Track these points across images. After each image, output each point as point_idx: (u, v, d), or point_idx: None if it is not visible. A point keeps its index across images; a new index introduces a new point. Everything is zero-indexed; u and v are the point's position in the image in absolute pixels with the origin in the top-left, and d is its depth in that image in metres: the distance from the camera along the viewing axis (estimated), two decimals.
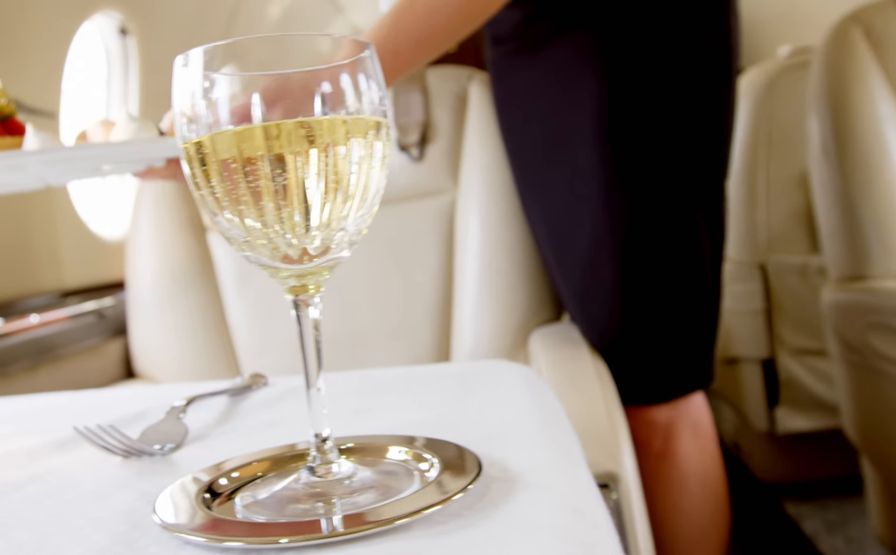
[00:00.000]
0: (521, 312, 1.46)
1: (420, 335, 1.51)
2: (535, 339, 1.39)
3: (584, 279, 1.23)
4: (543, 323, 1.48)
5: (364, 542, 0.38)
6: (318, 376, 0.44)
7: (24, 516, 0.47)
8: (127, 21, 2.02)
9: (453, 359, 1.50)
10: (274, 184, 0.39)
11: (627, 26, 1.16)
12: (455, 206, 1.51)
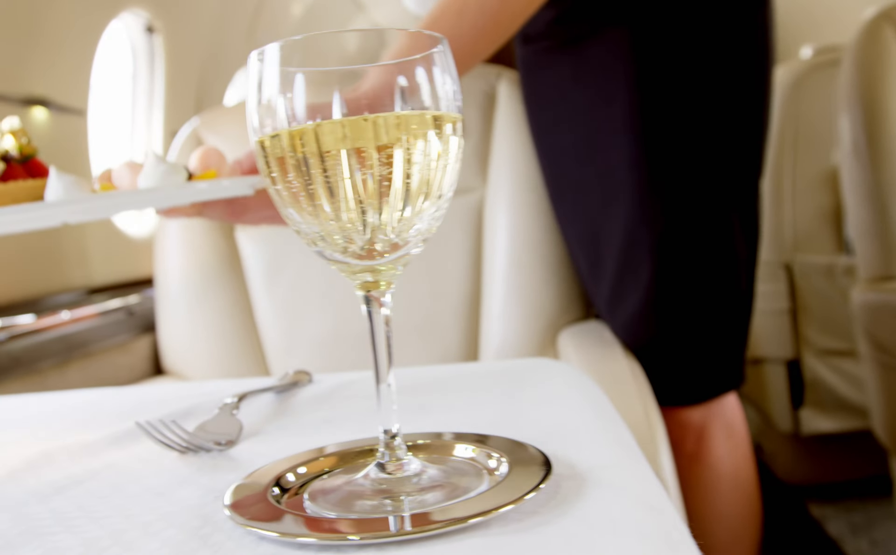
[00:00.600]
0: (550, 311, 1.46)
1: (448, 333, 1.51)
2: (564, 338, 1.39)
3: (618, 280, 1.22)
4: (572, 322, 1.48)
5: (439, 540, 0.37)
6: (388, 372, 0.44)
7: (90, 510, 0.47)
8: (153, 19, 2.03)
9: (481, 357, 1.49)
10: (351, 179, 0.39)
11: (662, 23, 1.16)
12: (483, 203, 1.50)
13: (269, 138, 0.40)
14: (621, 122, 1.18)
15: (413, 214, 0.41)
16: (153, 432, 0.55)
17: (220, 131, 1.61)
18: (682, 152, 1.16)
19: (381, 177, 0.39)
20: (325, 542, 0.38)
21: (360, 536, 0.37)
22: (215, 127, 1.62)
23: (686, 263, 1.17)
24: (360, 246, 0.41)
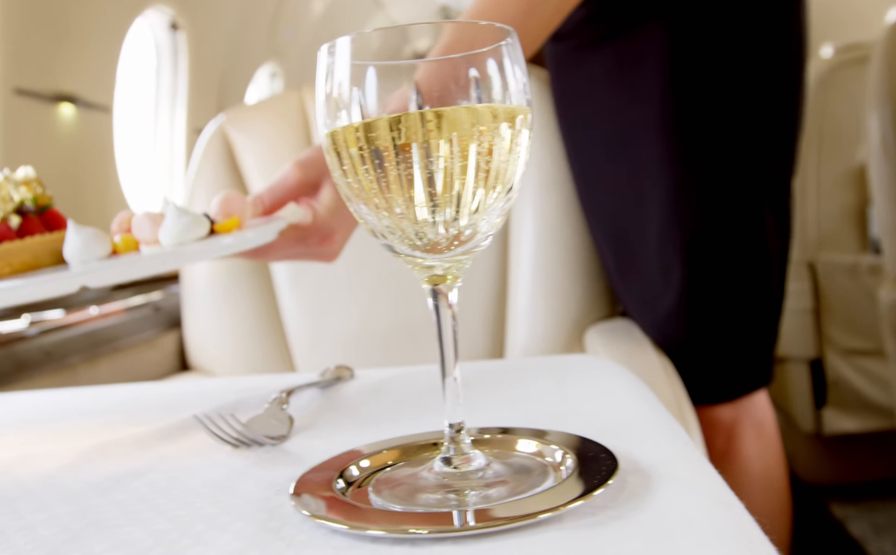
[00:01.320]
0: (577, 308, 1.45)
1: (474, 331, 1.51)
2: (591, 335, 1.38)
3: (650, 279, 1.22)
4: (598, 320, 1.47)
5: (511, 535, 0.37)
6: (454, 366, 0.44)
7: (152, 503, 0.47)
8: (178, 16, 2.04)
9: (507, 355, 1.49)
10: (424, 172, 0.39)
11: (697, 20, 1.15)
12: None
13: (342, 131, 0.40)
14: (654, 120, 1.17)
15: (484, 207, 0.40)
16: (209, 426, 0.55)
17: (246, 128, 1.61)
18: (715, 150, 1.15)
19: (455, 170, 0.39)
20: (395, 535, 0.38)
21: (428, 530, 0.37)
22: (240, 124, 1.62)
23: (719, 262, 1.17)
24: (430, 239, 0.41)
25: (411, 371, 0.80)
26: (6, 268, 0.71)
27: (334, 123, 0.41)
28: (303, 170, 0.83)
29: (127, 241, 0.72)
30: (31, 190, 0.76)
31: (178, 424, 0.65)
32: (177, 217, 0.67)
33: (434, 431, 0.53)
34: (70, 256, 0.70)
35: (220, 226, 0.71)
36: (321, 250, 0.85)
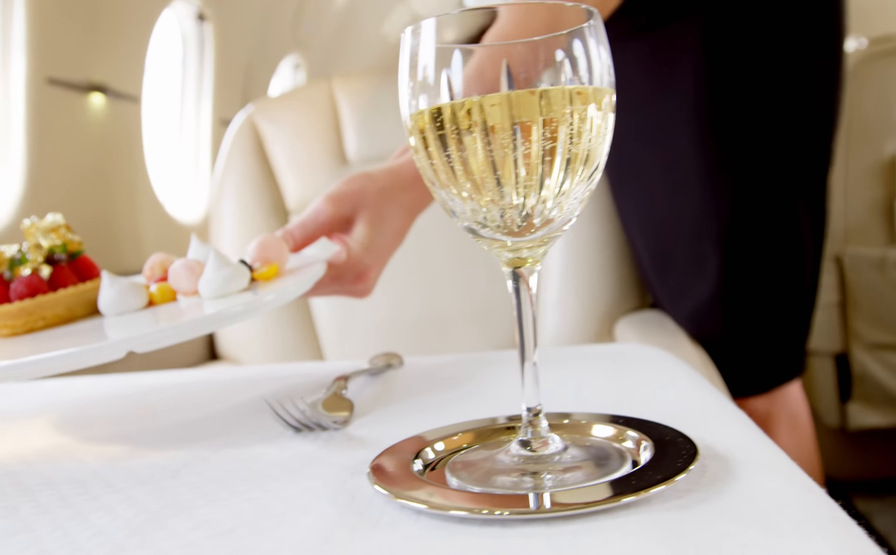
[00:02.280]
0: (607, 299, 1.45)
1: (504, 321, 1.51)
2: (623, 326, 1.38)
3: (684, 271, 1.21)
4: (629, 311, 1.47)
5: (593, 518, 0.37)
6: (534, 351, 0.44)
7: (226, 484, 0.47)
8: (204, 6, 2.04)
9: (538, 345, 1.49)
10: (514, 154, 0.39)
11: (733, 12, 1.14)
12: None
13: (429, 113, 0.40)
14: (688, 112, 1.17)
15: (571, 188, 0.40)
16: (277, 409, 0.56)
17: (275, 119, 1.62)
18: (749, 143, 1.15)
19: (544, 152, 0.39)
20: (477, 516, 0.38)
21: (509, 511, 0.37)
22: (269, 114, 1.63)
23: (754, 254, 1.16)
24: (515, 222, 0.41)
25: (460, 358, 0.81)
26: (39, 321, 0.70)
27: (420, 105, 0.41)
28: (335, 205, 0.82)
29: (163, 291, 0.70)
30: (60, 237, 0.75)
31: (235, 408, 0.66)
32: (217, 269, 0.66)
33: (492, 415, 0.53)
34: (105, 309, 0.69)
35: (260, 274, 0.70)
36: (356, 288, 0.84)
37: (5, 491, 0.50)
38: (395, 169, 0.86)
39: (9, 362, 0.54)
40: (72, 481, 0.51)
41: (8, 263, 0.72)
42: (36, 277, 0.71)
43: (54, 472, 0.53)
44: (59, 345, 0.59)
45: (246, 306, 0.59)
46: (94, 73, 1.62)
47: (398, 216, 0.85)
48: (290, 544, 0.37)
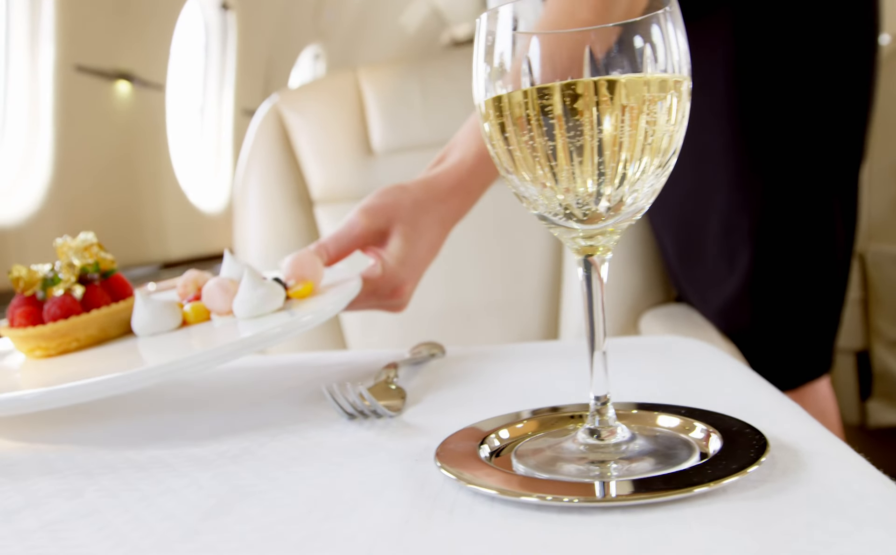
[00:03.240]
0: (633, 293, 1.45)
1: (528, 313, 1.50)
2: (649, 320, 1.38)
3: (714, 265, 1.21)
4: (653, 305, 1.47)
5: (664, 508, 0.37)
6: (603, 340, 0.44)
7: (290, 470, 0.47)
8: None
9: (562, 338, 1.49)
10: (593, 140, 0.38)
11: (762, 6, 1.14)
12: None
13: (507, 98, 0.40)
14: (719, 106, 1.16)
15: (647, 175, 0.40)
16: (336, 396, 0.56)
17: (300, 109, 1.62)
18: (780, 137, 1.14)
19: (623, 139, 0.39)
20: (548, 502, 0.38)
21: (578, 498, 0.37)
22: (294, 104, 1.63)
23: (785, 248, 1.16)
24: (591, 210, 0.40)
25: (500, 349, 0.81)
26: (73, 343, 0.70)
27: (497, 91, 0.40)
28: (369, 217, 0.81)
29: (197, 311, 0.70)
30: (92, 255, 0.74)
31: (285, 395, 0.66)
32: (252, 289, 0.65)
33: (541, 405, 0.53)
34: (139, 329, 0.69)
35: (295, 292, 0.69)
36: (391, 302, 0.83)
37: (66, 475, 0.50)
38: (429, 180, 0.85)
39: (46, 390, 0.54)
40: (133, 465, 0.51)
41: (41, 283, 0.71)
42: (69, 298, 0.70)
43: (113, 457, 0.53)
44: (95, 369, 0.59)
45: (283, 327, 0.58)
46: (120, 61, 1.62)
47: (433, 229, 0.84)
48: (369, 528, 0.37)
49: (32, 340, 0.69)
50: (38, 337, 0.69)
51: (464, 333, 1.50)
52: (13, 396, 0.55)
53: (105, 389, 0.54)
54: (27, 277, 0.72)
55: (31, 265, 0.73)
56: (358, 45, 3.53)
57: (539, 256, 1.49)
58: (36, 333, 0.69)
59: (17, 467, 0.53)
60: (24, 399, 0.55)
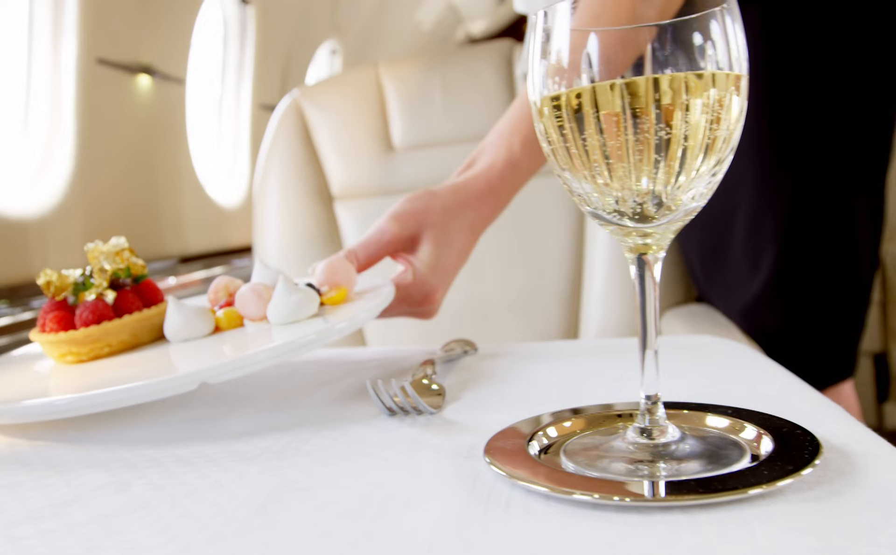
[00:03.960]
0: None
1: (548, 312, 1.50)
2: (670, 319, 1.37)
3: (738, 265, 1.20)
4: (674, 304, 1.46)
5: (718, 509, 0.37)
6: (655, 339, 0.43)
7: (337, 467, 0.47)
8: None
9: (582, 337, 1.49)
10: (650, 139, 0.38)
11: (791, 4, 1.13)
12: None
13: (566, 96, 0.39)
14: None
15: (704, 173, 0.40)
16: (379, 393, 0.56)
17: (320, 103, 1.62)
18: (808, 135, 1.13)
19: (682, 138, 0.38)
20: (602, 501, 0.37)
21: (637, 498, 0.37)
22: (315, 99, 1.63)
23: (810, 249, 1.15)
24: (647, 208, 0.40)
25: (531, 347, 0.80)
26: (105, 348, 0.69)
27: (554, 89, 0.40)
28: (399, 223, 0.81)
29: (230, 317, 0.69)
30: (123, 260, 0.73)
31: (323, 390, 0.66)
32: (287, 295, 0.65)
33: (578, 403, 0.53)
34: (171, 335, 0.68)
35: (329, 298, 0.69)
36: (422, 309, 0.83)
37: (111, 468, 0.50)
38: (459, 186, 0.85)
39: (80, 396, 0.54)
40: (177, 459, 0.51)
41: (72, 287, 0.71)
42: (101, 303, 0.69)
43: (156, 451, 0.53)
44: (128, 375, 0.59)
45: (318, 335, 0.58)
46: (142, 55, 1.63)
47: (463, 235, 0.84)
48: (427, 525, 0.37)
49: (64, 345, 0.69)
50: (69, 342, 0.68)
51: (483, 331, 1.50)
52: (59, 399, 0.55)
53: (140, 396, 0.54)
54: (57, 282, 0.71)
55: (62, 270, 0.72)
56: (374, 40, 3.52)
57: (559, 255, 1.49)
58: (68, 339, 0.68)
59: (60, 460, 0.53)
60: (76, 402, 0.54)
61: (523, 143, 0.87)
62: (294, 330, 0.62)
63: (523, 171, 0.88)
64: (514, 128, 0.87)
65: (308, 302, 0.65)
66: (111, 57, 1.55)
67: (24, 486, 0.48)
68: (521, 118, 0.88)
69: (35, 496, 0.46)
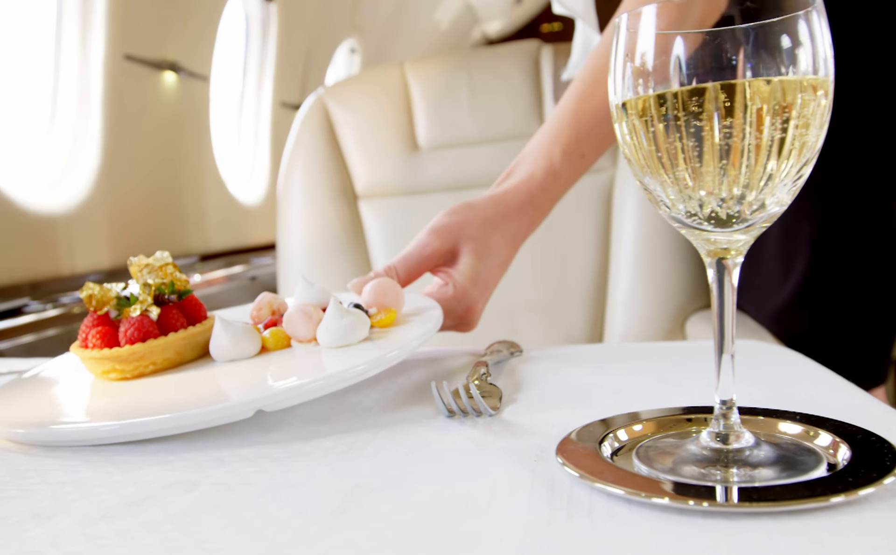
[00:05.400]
0: (679, 296, 1.44)
1: (573, 314, 1.50)
2: (696, 323, 1.37)
3: (770, 269, 1.20)
4: (700, 308, 1.46)
5: (799, 516, 0.37)
6: (733, 343, 0.43)
7: (407, 470, 0.47)
8: None
9: (606, 339, 1.48)
10: (738, 143, 0.38)
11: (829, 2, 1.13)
12: (613, 184, 1.49)
13: (653, 99, 0.39)
14: None
15: (790, 177, 0.40)
16: (442, 394, 0.55)
17: (345, 102, 1.62)
18: (847, 141, 1.13)
19: (772, 142, 0.38)
20: (677, 504, 0.37)
21: (707, 503, 0.37)
22: (340, 97, 1.63)
23: (844, 255, 1.15)
24: (731, 213, 0.40)
25: (577, 349, 0.80)
26: (150, 366, 0.68)
27: (639, 92, 0.40)
28: (439, 237, 0.81)
29: (277, 337, 0.68)
30: (167, 276, 0.71)
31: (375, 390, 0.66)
32: (339, 318, 0.64)
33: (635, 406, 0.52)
34: (218, 355, 0.67)
35: (378, 321, 0.69)
36: (463, 322, 0.82)
37: (175, 466, 0.50)
38: (497, 197, 0.85)
39: (142, 420, 0.53)
40: (241, 459, 0.51)
41: (115, 302, 0.70)
42: (147, 320, 0.68)
43: (220, 450, 0.53)
44: (180, 398, 0.58)
45: (368, 365, 0.58)
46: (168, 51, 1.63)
47: (504, 246, 0.84)
48: (513, 527, 0.37)
49: (108, 361, 0.67)
50: (114, 359, 0.67)
51: (507, 333, 1.50)
52: (119, 424, 0.54)
53: (196, 422, 0.54)
54: (99, 295, 0.69)
55: (105, 284, 0.71)
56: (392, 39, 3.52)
57: (584, 258, 1.49)
58: (112, 355, 0.67)
59: (122, 458, 0.53)
60: (137, 426, 0.54)
61: (563, 152, 0.86)
62: (346, 357, 0.61)
63: (564, 181, 0.88)
64: (554, 138, 0.87)
65: (359, 326, 0.64)
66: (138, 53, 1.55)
67: (89, 483, 0.48)
68: (560, 127, 0.87)
69: (103, 494, 0.46)
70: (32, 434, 0.56)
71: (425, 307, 0.73)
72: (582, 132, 0.86)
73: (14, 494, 0.47)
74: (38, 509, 0.44)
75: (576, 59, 1.42)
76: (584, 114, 0.86)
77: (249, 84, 2.15)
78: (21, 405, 0.64)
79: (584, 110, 0.86)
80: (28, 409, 0.63)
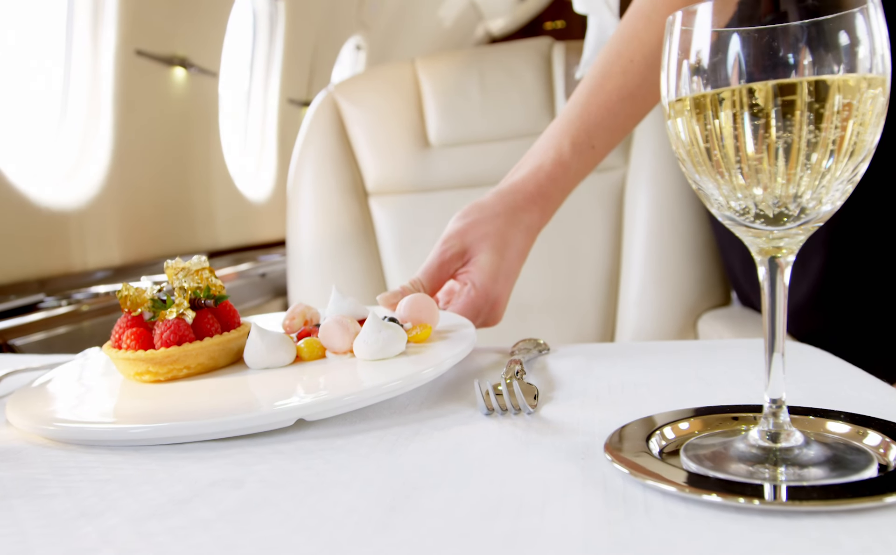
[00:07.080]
0: (690, 294, 1.44)
1: (584, 312, 1.50)
2: (709, 322, 1.37)
3: None
4: (712, 307, 1.46)
5: (852, 516, 0.37)
6: (783, 342, 0.43)
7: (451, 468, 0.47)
8: None
9: (618, 338, 1.49)
10: (796, 141, 0.38)
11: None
12: (625, 183, 1.49)
13: (709, 98, 0.39)
14: None
15: (845, 175, 0.40)
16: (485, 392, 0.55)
17: (355, 99, 1.61)
18: None
19: (828, 141, 0.38)
20: (730, 502, 0.37)
21: (759, 501, 0.37)
22: (350, 94, 1.62)
23: (860, 254, 1.15)
24: (787, 209, 0.40)
25: (605, 347, 0.80)
26: (183, 370, 0.68)
27: (694, 90, 0.40)
28: (458, 240, 0.83)
29: (311, 347, 0.68)
30: (203, 280, 0.71)
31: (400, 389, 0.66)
32: (377, 331, 0.64)
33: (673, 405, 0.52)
34: (252, 362, 0.67)
35: (414, 336, 0.69)
36: (490, 316, 0.84)
37: (217, 463, 0.50)
38: (504, 192, 0.87)
39: (186, 423, 0.54)
40: (281, 455, 0.51)
41: (150, 304, 0.69)
42: (183, 323, 0.67)
43: (260, 447, 0.53)
44: (216, 404, 0.58)
45: (403, 381, 0.58)
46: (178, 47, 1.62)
47: (521, 236, 0.86)
48: (573, 525, 0.37)
49: (142, 363, 0.67)
50: (148, 361, 0.67)
51: (519, 331, 1.50)
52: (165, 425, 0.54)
53: (248, 426, 0.54)
54: (134, 297, 0.69)
55: (136, 285, 0.70)
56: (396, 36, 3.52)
57: (596, 257, 1.49)
58: (146, 357, 0.66)
59: (162, 455, 0.53)
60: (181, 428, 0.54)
61: (573, 143, 0.88)
62: (380, 373, 0.61)
63: (574, 171, 0.89)
64: (563, 130, 0.89)
65: (397, 340, 0.65)
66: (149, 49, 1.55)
67: (133, 480, 0.48)
68: (570, 119, 0.89)
69: (150, 492, 0.46)
70: (69, 430, 0.56)
71: (458, 324, 0.73)
72: (591, 124, 0.88)
73: (57, 491, 0.47)
74: (85, 506, 0.44)
75: (588, 55, 1.42)
76: (594, 106, 0.88)
77: (257, 80, 2.14)
78: (53, 403, 0.63)
79: (593, 103, 0.88)
80: (62, 406, 0.62)
